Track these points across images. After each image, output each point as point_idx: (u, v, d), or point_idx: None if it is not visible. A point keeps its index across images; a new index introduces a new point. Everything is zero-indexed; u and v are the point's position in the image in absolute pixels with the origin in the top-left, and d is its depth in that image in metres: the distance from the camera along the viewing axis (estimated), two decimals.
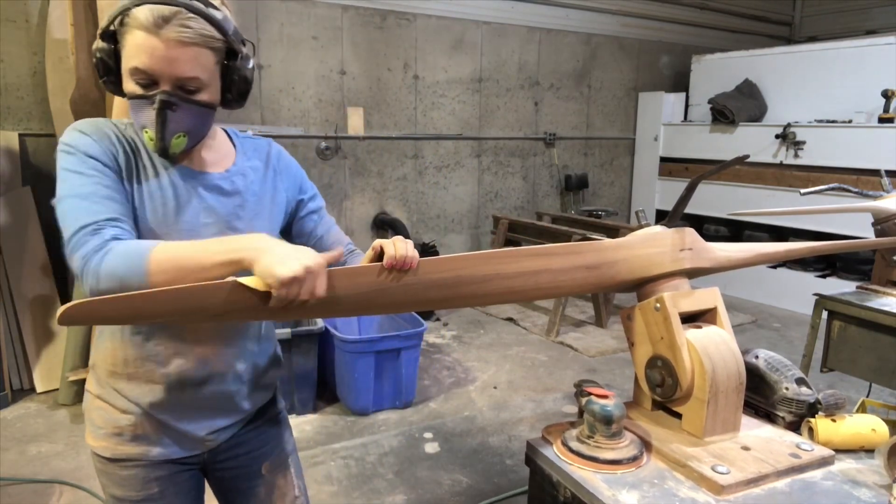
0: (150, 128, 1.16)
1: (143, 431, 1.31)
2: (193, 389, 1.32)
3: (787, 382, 1.43)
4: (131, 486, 1.33)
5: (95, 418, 1.33)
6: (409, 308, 1.33)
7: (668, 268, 1.37)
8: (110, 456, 1.31)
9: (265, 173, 1.39)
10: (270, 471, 1.48)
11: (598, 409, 1.29)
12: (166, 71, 1.13)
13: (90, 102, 3.91)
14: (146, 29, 1.10)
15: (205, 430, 1.36)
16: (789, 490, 1.23)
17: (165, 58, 1.12)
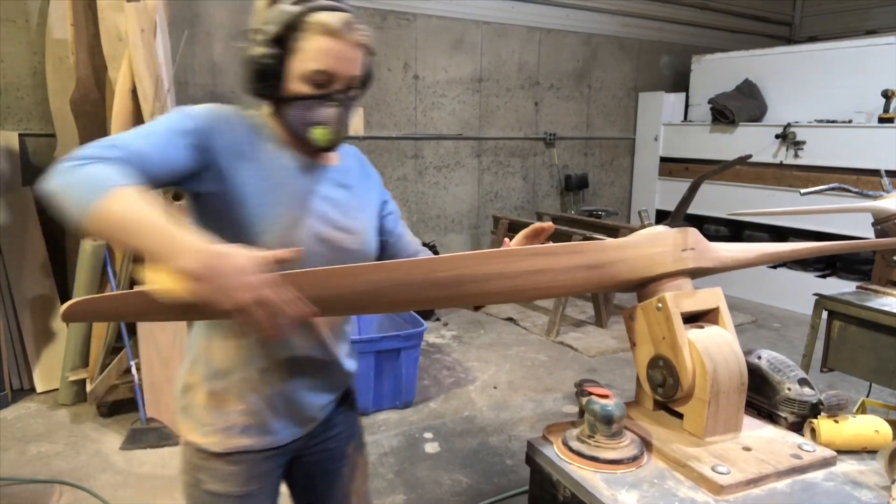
0: (326, 124, 1.25)
1: (256, 421, 1.33)
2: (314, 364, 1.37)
3: (790, 383, 1.43)
4: (235, 481, 1.35)
5: (201, 415, 1.33)
6: (410, 307, 1.34)
7: (671, 267, 1.37)
8: (221, 451, 1.32)
9: (360, 173, 1.47)
10: (354, 450, 1.56)
11: (598, 408, 1.29)
12: (346, 72, 1.24)
13: (90, 102, 3.91)
14: (332, 34, 1.20)
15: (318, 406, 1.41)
16: (790, 491, 1.23)
17: (347, 59, 1.23)
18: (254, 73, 1.23)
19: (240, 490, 1.36)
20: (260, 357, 1.31)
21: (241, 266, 0.96)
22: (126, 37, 3.52)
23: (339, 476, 1.53)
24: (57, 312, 4.06)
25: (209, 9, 4.94)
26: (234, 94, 5.12)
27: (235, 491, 1.35)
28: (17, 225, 3.97)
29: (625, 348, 4.93)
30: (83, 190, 0.99)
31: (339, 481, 1.53)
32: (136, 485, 3.00)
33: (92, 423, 3.55)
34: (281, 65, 1.22)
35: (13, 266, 3.93)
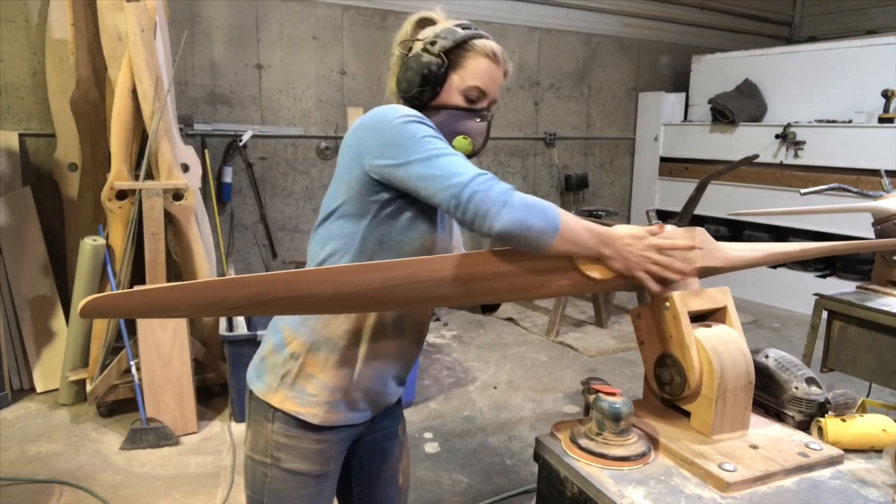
0: (472, 135, 1.41)
1: (351, 398, 1.41)
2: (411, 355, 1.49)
3: (797, 382, 1.43)
4: (317, 459, 1.41)
5: (308, 386, 1.38)
6: (420, 304, 1.35)
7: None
8: (318, 423, 1.38)
9: None
10: (403, 431, 1.67)
11: (606, 406, 1.29)
12: (494, 93, 1.42)
13: (90, 102, 3.91)
14: (493, 60, 1.39)
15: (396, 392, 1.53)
16: (796, 488, 1.23)
17: (497, 83, 1.42)
18: (420, 77, 1.35)
19: (319, 469, 1.42)
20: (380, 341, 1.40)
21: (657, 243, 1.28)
22: (126, 37, 3.51)
23: (391, 454, 1.63)
24: (57, 312, 4.05)
25: (209, 9, 4.93)
26: (234, 94, 5.12)
27: (315, 469, 1.41)
28: (17, 225, 3.96)
29: (625, 348, 4.93)
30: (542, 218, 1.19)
31: (390, 459, 1.63)
32: (136, 485, 2.99)
33: (92, 423, 3.55)
34: (445, 75, 1.37)
35: (13, 266, 3.92)
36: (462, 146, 1.39)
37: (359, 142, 1.30)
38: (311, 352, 1.37)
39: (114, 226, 3.55)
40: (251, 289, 1.09)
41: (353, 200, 1.32)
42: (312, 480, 1.41)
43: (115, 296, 1.05)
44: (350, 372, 1.38)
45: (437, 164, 1.21)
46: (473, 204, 1.16)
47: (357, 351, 1.38)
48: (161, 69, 3.60)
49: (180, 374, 3.45)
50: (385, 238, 1.32)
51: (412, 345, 1.48)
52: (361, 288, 1.16)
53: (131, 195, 3.50)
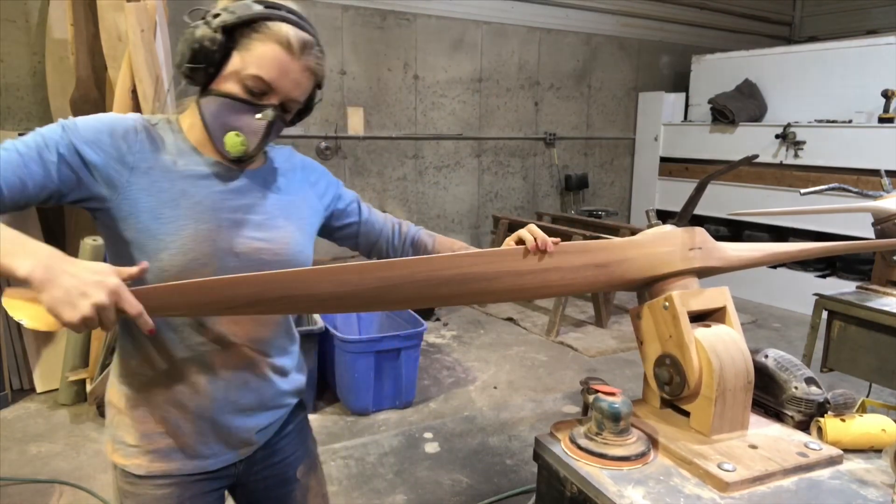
0: (245, 133, 1.18)
1: (181, 444, 1.27)
2: (238, 384, 1.29)
3: (797, 382, 1.43)
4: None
5: (125, 435, 1.26)
6: (420, 304, 1.34)
7: (678, 266, 1.37)
8: (145, 473, 1.26)
9: (290, 173, 1.39)
10: (304, 474, 1.48)
11: (606, 406, 1.29)
12: (286, 90, 1.19)
13: (90, 102, 3.91)
14: (287, 49, 1.16)
15: (251, 429, 1.32)
16: (796, 488, 1.23)
17: (293, 80, 1.19)
18: (191, 52, 1.15)
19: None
20: (180, 376, 1.24)
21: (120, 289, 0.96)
22: (126, 37, 3.51)
23: (290, 500, 1.46)
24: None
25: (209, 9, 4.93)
26: None
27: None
28: (17, 225, 3.91)
29: (624, 348, 4.93)
30: None
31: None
32: None
33: (92, 423, 3.54)
34: (223, 56, 1.16)
35: None
36: (232, 144, 1.18)
37: None
38: (121, 398, 1.28)
39: None
40: (250, 288, 1.09)
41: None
42: None
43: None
44: (161, 417, 1.25)
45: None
46: None
47: (160, 395, 1.25)
48: (161, 69, 3.60)
49: None
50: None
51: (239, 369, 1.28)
52: (360, 287, 1.15)
53: None
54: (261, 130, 1.19)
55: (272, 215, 1.29)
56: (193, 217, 1.18)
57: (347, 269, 1.13)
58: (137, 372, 1.25)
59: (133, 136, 1.18)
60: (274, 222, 1.28)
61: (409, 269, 1.18)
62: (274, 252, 1.26)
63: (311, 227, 1.39)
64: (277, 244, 1.27)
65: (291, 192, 1.36)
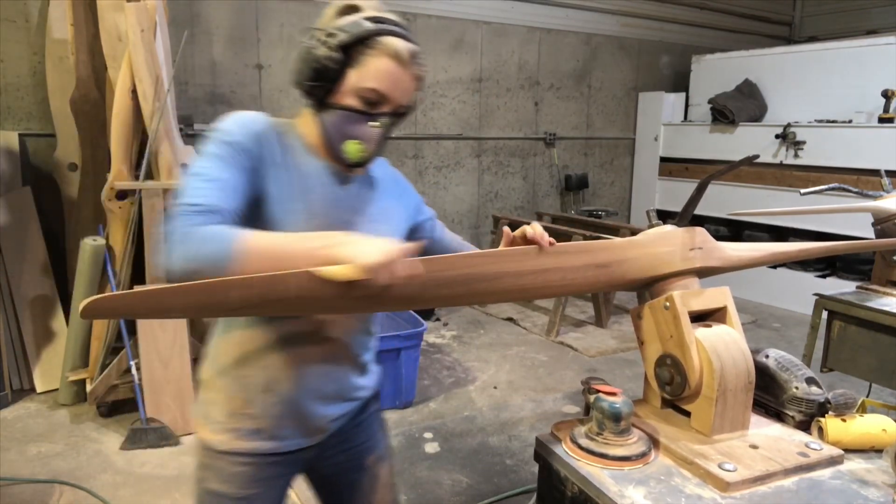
0: (363, 140, 1.28)
1: (264, 425, 1.34)
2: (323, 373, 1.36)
3: (797, 382, 1.43)
4: (236, 482, 1.36)
5: (213, 412, 1.36)
6: (421, 304, 1.34)
7: (679, 267, 1.37)
8: (227, 449, 1.34)
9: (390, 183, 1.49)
10: (374, 463, 1.55)
11: (606, 406, 1.29)
12: (398, 98, 1.28)
13: (90, 102, 3.91)
14: (398, 60, 1.25)
15: (328, 417, 1.40)
16: (796, 488, 1.23)
17: (404, 88, 1.27)
18: (312, 72, 1.25)
19: (239, 492, 1.36)
20: (272, 362, 1.32)
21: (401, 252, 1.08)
22: (126, 37, 3.51)
23: (359, 488, 1.54)
24: (57, 312, 4.05)
25: (209, 9, 4.93)
26: (234, 94, 5.12)
27: (235, 493, 1.36)
28: (17, 225, 3.96)
29: (625, 348, 4.93)
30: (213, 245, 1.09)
31: (358, 493, 1.54)
32: (136, 485, 2.99)
33: (92, 423, 3.54)
34: (340, 72, 1.25)
35: (13, 266, 3.92)
36: (352, 151, 1.29)
37: None
38: (213, 378, 1.38)
39: (114, 226, 3.55)
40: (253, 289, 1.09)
41: None
42: (232, 503, 1.37)
43: (116, 296, 1.04)
44: (247, 398, 1.34)
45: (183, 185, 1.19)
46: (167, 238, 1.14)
47: (250, 377, 1.33)
48: (161, 69, 3.60)
49: (180, 374, 3.45)
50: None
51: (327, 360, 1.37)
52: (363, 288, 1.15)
53: (131, 195, 3.50)
54: (377, 137, 1.29)
55: (375, 219, 1.39)
56: (311, 212, 1.29)
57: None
58: (233, 354, 1.34)
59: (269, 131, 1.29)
60: (376, 226, 1.36)
61: None
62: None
63: (401, 234, 1.47)
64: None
65: (388, 199, 1.46)
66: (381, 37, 1.24)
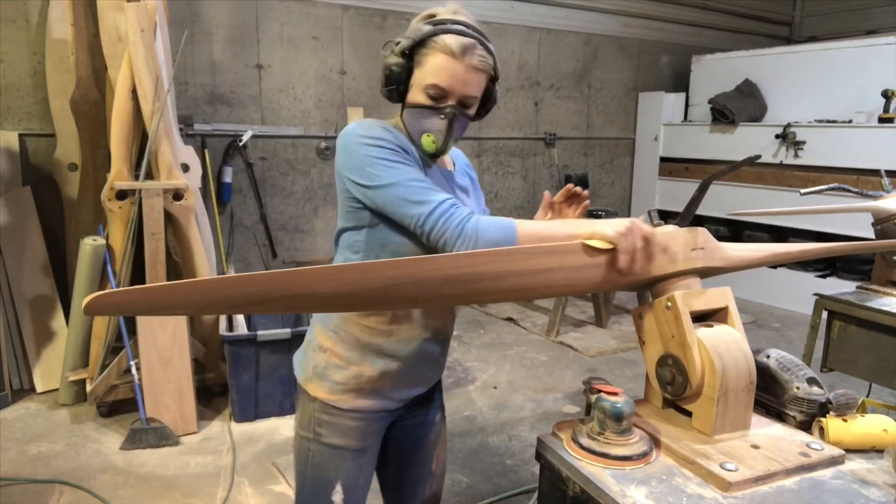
0: (434, 133, 1.43)
1: (379, 387, 1.53)
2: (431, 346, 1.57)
3: (798, 382, 1.43)
4: (355, 435, 1.55)
5: (334, 375, 1.53)
6: (423, 304, 1.36)
7: (680, 267, 1.37)
8: (348, 408, 1.52)
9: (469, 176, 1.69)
10: (440, 420, 1.79)
11: (608, 405, 1.29)
12: (459, 90, 1.39)
13: (90, 102, 3.91)
14: (452, 55, 1.36)
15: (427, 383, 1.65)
16: (798, 488, 1.23)
17: (462, 80, 1.38)
18: (385, 78, 1.43)
19: (357, 444, 1.55)
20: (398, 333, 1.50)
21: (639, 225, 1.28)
22: (126, 37, 3.51)
23: (426, 440, 1.75)
24: (57, 312, 4.05)
25: (209, 9, 4.93)
26: (234, 94, 5.12)
27: (353, 444, 1.55)
28: (17, 225, 3.96)
29: (625, 348, 4.93)
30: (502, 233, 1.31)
31: (425, 444, 1.75)
32: (136, 485, 2.99)
33: (92, 423, 3.54)
34: (407, 74, 1.42)
35: (13, 266, 3.92)
36: (426, 144, 1.44)
37: (337, 161, 1.44)
38: (336, 345, 1.52)
39: (114, 226, 3.55)
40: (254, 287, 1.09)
41: (347, 215, 1.47)
42: (350, 454, 1.55)
43: (118, 293, 1.05)
44: (370, 364, 1.51)
45: (396, 193, 1.34)
46: (434, 236, 1.33)
47: (373, 345, 1.50)
48: (161, 69, 3.60)
49: (180, 374, 3.45)
50: (385, 241, 1.44)
51: (432, 340, 1.56)
52: (364, 287, 1.16)
53: (131, 195, 3.50)
54: (445, 128, 1.42)
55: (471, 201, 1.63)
56: None
57: (351, 268, 1.14)
58: (365, 325, 1.50)
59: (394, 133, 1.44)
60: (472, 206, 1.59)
61: (412, 269, 1.18)
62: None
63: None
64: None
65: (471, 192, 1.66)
66: (436, 36, 1.36)
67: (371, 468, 1.64)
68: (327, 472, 1.56)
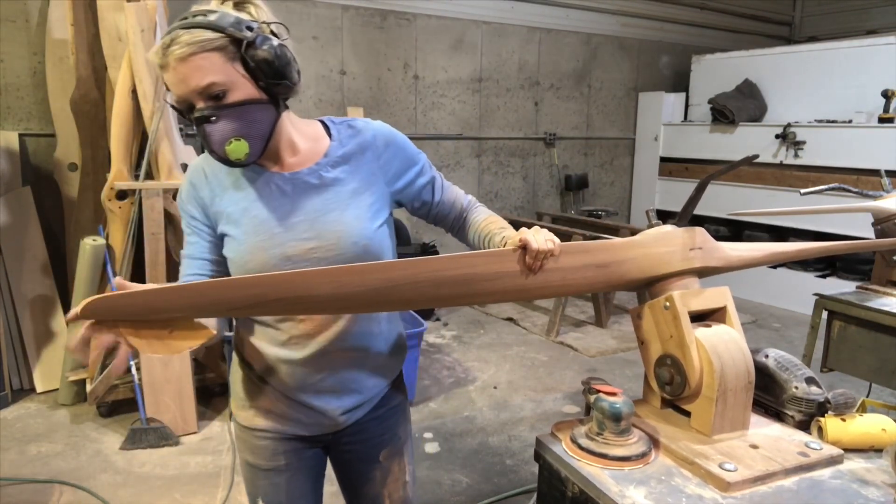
0: (214, 143, 1.21)
1: (277, 409, 1.43)
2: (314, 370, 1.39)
3: (797, 381, 1.43)
4: (262, 454, 1.47)
5: (239, 390, 1.47)
6: (422, 304, 1.34)
7: (678, 267, 1.37)
8: (248, 425, 1.46)
9: (358, 157, 1.39)
10: (387, 458, 1.57)
11: (607, 406, 1.29)
12: (185, 91, 1.18)
13: (90, 102, 3.91)
14: (160, 66, 1.18)
15: (334, 409, 1.43)
16: (797, 488, 1.23)
17: (178, 80, 1.17)
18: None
19: (266, 464, 1.47)
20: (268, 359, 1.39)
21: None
22: (126, 37, 3.51)
23: (370, 478, 1.57)
24: (57, 312, 4.05)
25: None
26: None
27: (262, 464, 1.47)
28: (17, 225, 3.96)
29: (625, 348, 4.93)
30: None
31: (370, 483, 1.57)
32: (136, 485, 2.99)
33: (92, 423, 3.55)
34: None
35: (13, 266, 3.92)
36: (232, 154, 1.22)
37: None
38: (240, 365, 1.47)
39: (114, 226, 3.55)
40: (252, 289, 1.09)
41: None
42: (261, 473, 1.48)
43: (115, 296, 1.04)
44: (258, 384, 1.43)
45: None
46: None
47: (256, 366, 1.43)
48: None
49: (180, 374, 3.45)
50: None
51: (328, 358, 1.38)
52: (362, 288, 1.16)
53: (131, 195, 3.50)
54: (205, 138, 1.20)
55: (327, 209, 1.33)
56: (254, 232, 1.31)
57: (348, 270, 1.14)
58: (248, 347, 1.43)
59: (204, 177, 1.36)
60: (329, 217, 1.33)
61: (411, 270, 1.18)
62: (327, 249, 1.32)
63: (377, 212, 1.39)
64: (330, 241, 1.32)
65: (356, 178, 1.37)
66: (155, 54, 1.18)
67: (296, 489, 1.50)
68: (249, 487, 1.53)
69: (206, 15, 1.17)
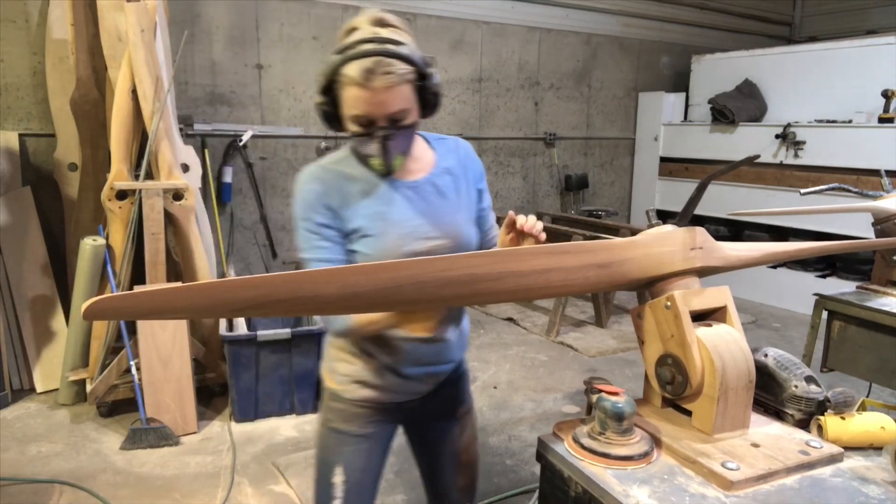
0: (375, 156, 1.43)
1: (383, 382, 1.60)
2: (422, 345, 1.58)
3: (797, 380, 1.43)
4: (357, 421, 1.64)
5: (338, 367, 1.64)
6: (425, 305, 1.35)
7: (679, 266, 1.37)
8: (351, 397, 1.63)
9: (458, 170, 1.64)
10: (464, 414, 1.81)
11: (609, 405, 1.29)
12: (379, 112, 1.37)
13: (90, 102, 3.91)
14: (357, 84, 1.34)
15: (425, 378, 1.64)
16: (798, 486, 1.23)
17: (377, 103, 1.36)
18: (320, 116, 1.47)
19: (358, 430, 1.64)
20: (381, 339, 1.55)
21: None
22: (126, 37, 3.51)
23: (450, 434, 1.79)
24: (57, 312, 4.05)
25: (209, 9, 4.93)
26: (234, 94, 5.12)
27: (355, 430, 1.64)
28: (17, 225, 3.96)
29: (625, 348, 4.93)
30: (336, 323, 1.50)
31: (450, 438, 1.80)
32: (136, 485, 2.99)
33: (92, 423, 3.54)
34: (335, 108, 1.43)
35: (13, 266, 3.92)
36: (375, 166, 1.46)
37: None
38: (338, 339, 1.63)
39: (114, 226, 3.55)
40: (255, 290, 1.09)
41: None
42: (351, 439, 1.64)
43: (117, 297, 1.04)
44: (361, 359, 1.60)
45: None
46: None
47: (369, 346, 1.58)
48: (161, 69, 3.60)
49: (180, 374, 3.45)
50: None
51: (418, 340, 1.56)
52: (366, 289, 1.16)
53: (131, 195, 3.50)
54: (380, 151, 1.42)
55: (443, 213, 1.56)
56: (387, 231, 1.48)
57: (353, 270, 1.14)
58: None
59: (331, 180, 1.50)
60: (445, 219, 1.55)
61: (414, 271, 1.18)
62: (446, 246, 1.53)
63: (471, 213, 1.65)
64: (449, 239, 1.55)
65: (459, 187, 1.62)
66: (343, 67, 1.35)
67: (377, 457, 1.70)
68: (330, 455, 1.66)
69: (397, 45, 1.36)
